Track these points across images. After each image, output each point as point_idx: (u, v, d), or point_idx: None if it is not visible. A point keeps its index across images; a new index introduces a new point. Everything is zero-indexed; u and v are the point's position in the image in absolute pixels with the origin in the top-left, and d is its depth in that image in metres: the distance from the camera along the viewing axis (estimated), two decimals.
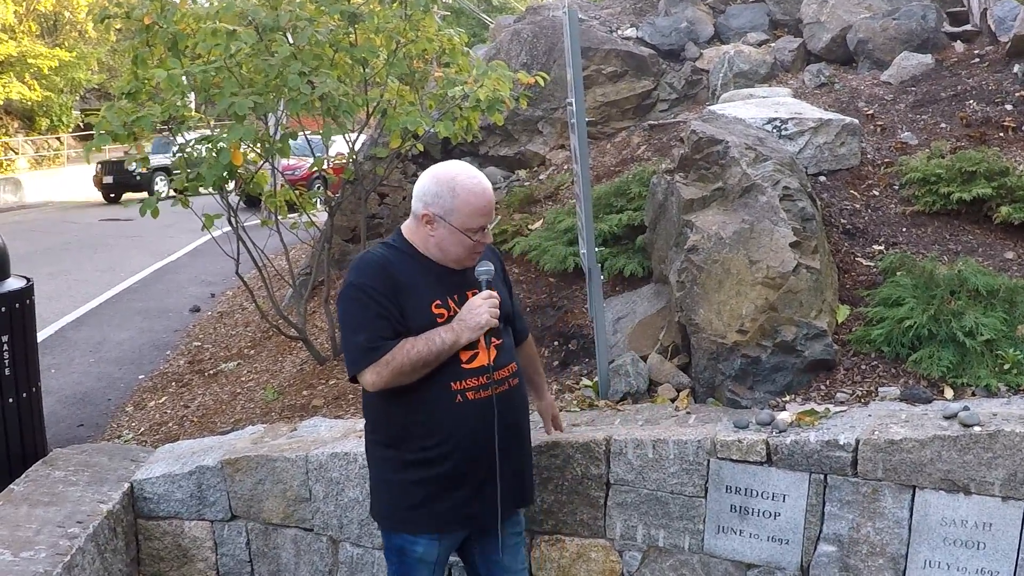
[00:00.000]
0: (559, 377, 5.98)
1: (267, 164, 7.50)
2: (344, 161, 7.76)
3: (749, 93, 7.99)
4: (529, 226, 7.60)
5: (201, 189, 6.69)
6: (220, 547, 5.54)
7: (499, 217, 7.97)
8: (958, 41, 8.78)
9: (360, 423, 5.78)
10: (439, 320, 3.76)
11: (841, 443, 4.33)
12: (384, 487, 3.99)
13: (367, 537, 5.20)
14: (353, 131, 7.73)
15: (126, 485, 5.53)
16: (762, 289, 5.01)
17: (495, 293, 3.86)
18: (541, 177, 9.14)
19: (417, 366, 3.68)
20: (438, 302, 3.79)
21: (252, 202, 7.89)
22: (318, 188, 7.88)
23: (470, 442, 3.80)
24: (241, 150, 6.61)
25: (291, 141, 6.78)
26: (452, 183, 3.72)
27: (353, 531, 5.23)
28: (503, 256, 7.02)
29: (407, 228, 3.89)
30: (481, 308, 3.76)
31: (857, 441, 4.31)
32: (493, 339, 3.84)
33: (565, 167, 8.93)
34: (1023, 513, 4.13)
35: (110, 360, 9.88)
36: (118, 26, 7.59)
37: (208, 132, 6.95)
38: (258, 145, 6.94)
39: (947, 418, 4.33)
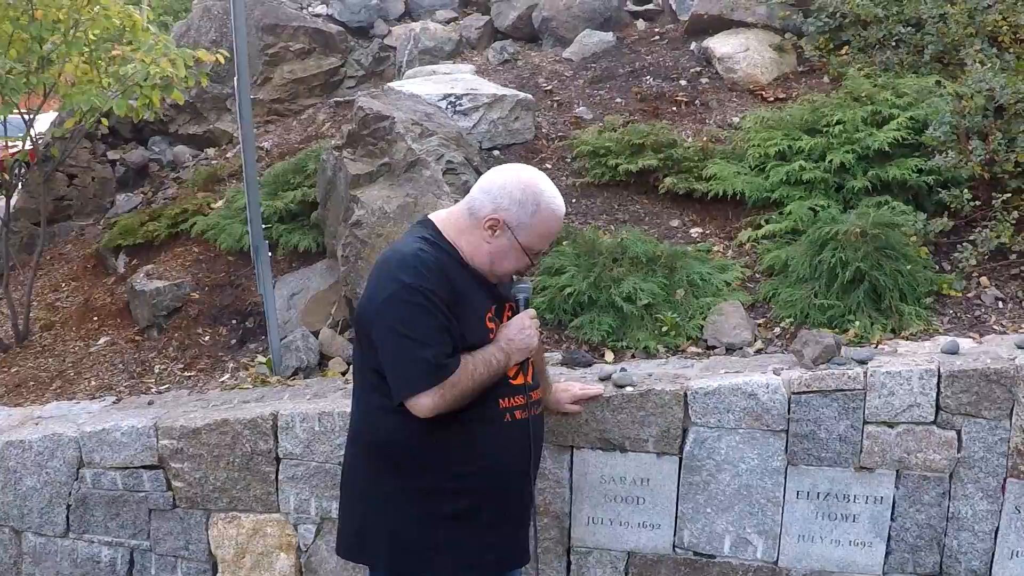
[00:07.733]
0: (236, 355, 5.95)
1: None
2: (15, 142, 7.45)
3: (432, 70, 8.06)
4: (211, 205, 7.49)
5: None
6: None
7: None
8: (641, 20, 9.06)
9: (39, 410, 5.61)
10: (490, 336, 3.32)
11: None
12: (388, 525, 3.40)
13: (49, 526, 5.10)
14: (25, 111, 7.39)
15: None
16: None
17: (535, 312, 3.52)
18: (228, 155, 8.96)
19: (477, 390, 3.23)
20: (489, 315, 3.35)
21: None
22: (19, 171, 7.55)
23: (510, 469, 3.40)
24: None
25: None
26: (537, 197, 3.28)
27: (34, 520, 5.11)
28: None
29: (452, 226, 3.36)
30: (530, 329, 3.38)
31: None
32: (530, 359, 3.49)
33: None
34: (678, 468, 4.31)
35: None
36: None
37: None
38: None
39: (602, 380, 4.43)
